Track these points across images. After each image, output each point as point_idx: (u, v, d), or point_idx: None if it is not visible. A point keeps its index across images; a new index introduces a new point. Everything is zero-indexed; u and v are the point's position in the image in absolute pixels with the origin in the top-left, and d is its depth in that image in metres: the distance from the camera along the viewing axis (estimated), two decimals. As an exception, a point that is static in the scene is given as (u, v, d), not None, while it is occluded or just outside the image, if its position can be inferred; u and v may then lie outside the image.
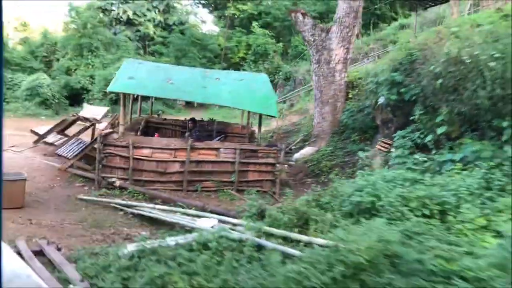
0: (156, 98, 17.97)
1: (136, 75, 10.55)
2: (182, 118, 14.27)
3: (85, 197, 9.06)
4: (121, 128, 10.21)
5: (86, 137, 12.92)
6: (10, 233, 6.72)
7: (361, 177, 7.85)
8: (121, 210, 8.49)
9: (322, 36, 13.56)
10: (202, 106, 28.24)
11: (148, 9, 42.63)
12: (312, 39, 13.70)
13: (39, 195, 9.12)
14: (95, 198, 8.97)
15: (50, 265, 5.70)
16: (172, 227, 7.38)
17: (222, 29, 44.74)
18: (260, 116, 11.21)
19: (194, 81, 10.92)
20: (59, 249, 6.25)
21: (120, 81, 10.31)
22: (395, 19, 34.30)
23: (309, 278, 4.75)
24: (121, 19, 41.71)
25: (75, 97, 29.89)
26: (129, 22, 41.95)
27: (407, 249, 5.10)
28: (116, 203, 8.65)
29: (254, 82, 11.66)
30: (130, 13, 41.55)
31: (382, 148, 11.07)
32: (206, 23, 50.35)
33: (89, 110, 19.02)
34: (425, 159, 9.13)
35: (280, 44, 37.11)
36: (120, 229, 7.49)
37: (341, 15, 13.32)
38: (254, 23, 38.20)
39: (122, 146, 9.79)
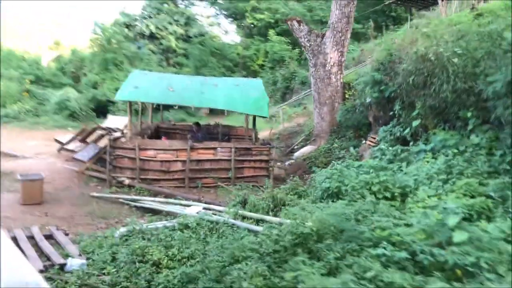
0: (179, 107, 19.46)
1: (140, 84, 11.73)
2: (190, 123, 15.35)
3: (96, 194, 10.22)
4: (128, 133, 11.38)
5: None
6: (28, 223, 7.89)
7: (331, 166, 8.68)
8: (127, 204, 9.60)
9: (318, 41, 14.43)
10: (222, 113, 29.54)
11: (169, 23, 44.23)
12: (308, 44, 14.58)
13: (57, 194, 10.33)
14: (104, 195, 10.12)
15: (57, 245, 6.80)
16: (167, 215, 8.42)
17: (242, 38, 46.00)
18: (254, 117, 12.19)
19: (192, 88, 12.00)
20: (66, 234, 7.37)
21: (126, 91, 11.51)
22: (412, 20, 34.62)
23: (261, 246, 5.68)
24: (145, 34, 43.45)
25: (102, 109, 31.46)
26: (152, 36, 43.64)
27: (349, 222, 5.96)
28: (122, 198, 9.76)
29: (249, 86, 12.66)
30: (152, 27, 43.25)
31: (371, 143, 11.84)
32: (228, 33, 51.74)
33: (112, 121, 20.40)
34: (402, 150, 9.89)
35: (296, 50, 37.99)
36: (122, 219, 8.57)
37: (334, 21, 14.15)
38: (271, 31, 39.24)
39: (129, 149, 10.95)
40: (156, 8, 45.00)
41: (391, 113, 10.63)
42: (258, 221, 7.26)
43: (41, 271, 5.73)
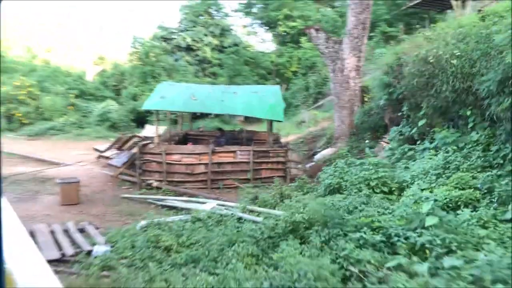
0: (215, 115, 20.74)
1: (166, 94, 12.76)
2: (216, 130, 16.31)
3: (126, 195, 11.26)
4: (156, 139, 12.41)
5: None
6: (65, 219, 8.95)
7: (334, 165, 9.31)
8: (153, 203, 10.56)
9: (335, 47, 15.05)
10: (259, 120, 30.69)
11: (205, 34, 45.69)
12: (327, 51, 15.23)
13: (92, 196, 11.44)
14: (133, 196, 11.14)
15: (87, 236, 7.80)
16: (187, 211, 9.30)
17: (277, 46, 46.88)
18: (271, 122, 12.96)
19: (213, 96, 12.91)
20: (96, 228, 8.37)
21: (153, 101, 12.58)
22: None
23: (257, 232, 6.44)
24: (182, 46, 45.13)
25: (141, 119, 33.05)
26: (188, 48, 45.23)
27: (337, 212, 6.63)
28: (149, 198, 10.74)
29: (266, 93, 13.45)
30: (189, 39, 44.82)
31: (385, 143, 12.33)
32: (265, 41, 52.74)
33: (149, 130, 21.76)
34: (409, 149, 10.38)
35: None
36: (147, 216, 9.50)
37: (350, 28, 14.74)
38: (303, 38, 39.91)
39: (157, 154, 11.96)
40: (192, 21, 46.54)
41: (399, 114, 11.13)
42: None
43: (71, 256, 6.74)
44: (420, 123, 10.28)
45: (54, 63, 42.48)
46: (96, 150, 16.74)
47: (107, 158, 15.26)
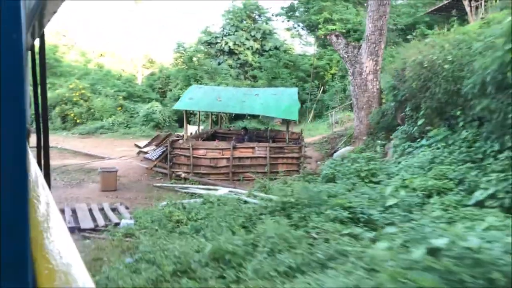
0: (252, 117, 22.39)
1: (195, 96, 14.28)
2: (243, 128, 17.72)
3: (158, 184, 12.84)
4: (185, 136, 13.95)
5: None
6: (102, 201, 10.59)
7: (332, 159, 10.44)
8: (179, 191, 12.06)
9: (354, 52, 16.07)
10: (294, 122, 32.21)
11: (247, 39, 47.30)
12: (346, 56, 16.28)
13: (129, 184, 13.10)
14: (163, 184, 12.70)
15: (118, 214, 9.36)
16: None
17: (318, 49, 47.79)
18: (288, 121, 14.21)
19: (236, 98, 14.30)
20: (127, 208, 9.94)
21: (183, 102, 14.14)
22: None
23: (251, 210, 7.73)
24: (224, 50, 46.98)
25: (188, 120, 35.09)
26: (230, 52, 47.02)
27: (318, 194, 7.81)
28: (176, 187, 12.26)
29: (284, 95, 14.68)
30: (231, 44, 46.58)
31: (399, 142, 13.26)
32: (310, 44, 53.71)
33: (189, 129, 23.55)
34: (409, 146, 11.32)
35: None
36: (167, 198, 11.01)
37: (368, 33, 15.72)
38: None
39: (185, 148, 13.48)
40: (235, 26, 48.20)
41: (402, 114, 12.07)
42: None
43: (102, 226, 8.30)
44: (419, 122, 11.20)
45: (106, 67, 45.47)
46: (137, 146, 18.56)
47: (145, 153, 16.99)
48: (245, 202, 8.97)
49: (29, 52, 3.00)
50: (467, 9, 14.84)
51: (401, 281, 3.80)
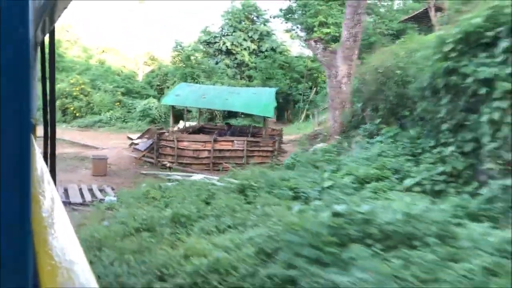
0: (245, 115, 23.88)
1: (181, 93, 15.68)
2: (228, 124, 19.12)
3: (144, 172, 14.23)
4: (170, 129, 15.36)
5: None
6: (92, 184, 11.98)
7: (294, 153, 11.82)
8: (162, 178, 13.45)
9: (331, 56, 17.43)
10: (287, 121, 33.84)
11: (244, 39, 48.60)
12: (324, 60, 17.65)
13: (118, 171, 14.49)
14: (150, 172, 14.09)
15: (104, 193, 10.76)
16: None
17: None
18: (265, 118, 15.61)
19: (220, 96, 15.70)
20: (113, 189, 11.34)
21: (170, 98, 15.56)
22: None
23: (214, 190, 9.11)
24: (222, 50, 48.32)
25: (180, 116, 36.44)
26: (228, 52, 48.36)
27: (272, 178, 9.19)
28: (160, 174, 13.65)
29: (262, 94, 16.09)
30: (228, 44, 47.89)
31: (360, 139, 14.63)
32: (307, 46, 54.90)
33: (182, 125, 24.98)
34: (368, 142, 12.69)
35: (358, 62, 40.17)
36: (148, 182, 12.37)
37: (343, 40, 17.10)
38: (334, 44, 41.82)
39: (170, 140, 14.88)
40: (233, 26, 49.47)
41: (364, 114, 13.46)
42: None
43: (89, 201, 9.70)
44: (377, 121, 12.58)
45: (108, 64, 46.80)
46: (129, 138, 19.95)
47: (136, 145, 18.38)
48: (213, 184, 10.35)
49: (39, 48, 3.13)
50: (433, 19, 16.17)
51: (296, 229, 5.18)
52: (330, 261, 4.66)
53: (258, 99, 15.40)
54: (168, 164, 14.77)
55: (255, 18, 50.96)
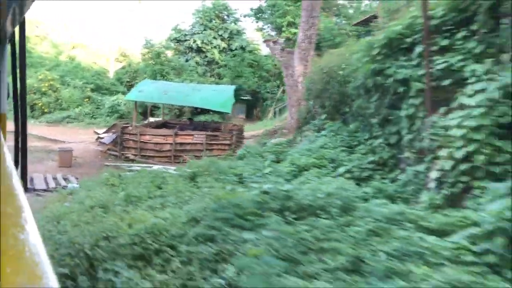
0: (214, 112, 24.99)
1: (144, 89, 16.57)
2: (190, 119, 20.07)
3: (108, 163, 15.06)
4: (133, 124, 16.23)
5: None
6: (57, 174, 12.77)
7: (246, 146, 12.90)
8: (125, 169, 14.31)
9: (288, 57, 18.57)
10: (256, 118, 34.94)
11: (214, 38, 49.43)
12: (281, 60, 18.78)
13: (84, 163, 15.29)
14: (113, 163, 14.93)
15: (68, 181, 11.58)
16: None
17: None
18: (224, 114, 16.66)
19: (181, 92, 16.66)
20: (76, 178, 12.17)
21: (133, 94, 16.42)
22: None
23: (169, 178, 10.08)
24: (192, 48, 49.03)
25: (150, 112, 37.02)
26: (198, 50, 49.11)
27: (220, 166, 10.21)
28: (122, 165, 14.52)
29: (222, 91, 17.13)
30: (199, 42, 48.63)
31: (310, 133, 15.81)
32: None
33: (150, 121, 25.75)
34: (316, 136, 13.85)
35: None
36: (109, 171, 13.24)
37: (299, 41, 18.27)
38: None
39: (133, 134, 15.75)
40: (204, 25, 50.16)
41: (314, 110, 14.63)
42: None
43: (53, 188, 10.53)
44: (322, 117, 13.76)
45: (78, 60, 46.85)
46: (96, 132, 20.68)
47: (102, 138, 19.14)
48: (168, 173, 11.32)
49: (9, 44, 3.15)
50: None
51: (223, 202, 6.22)
52: (248, 226, 5.72)
53: (217, 96, 16.40)
54: (131, 157, 15.63)
55: (225, 16, 51.80)
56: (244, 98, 35.14)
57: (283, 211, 6.37)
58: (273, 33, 58.95)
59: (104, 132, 20.03)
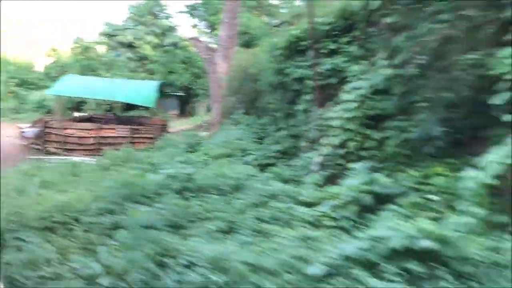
0: (143, 108, 25.38)
1: (67, 84, 16.88)
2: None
3: (31, 157, 15.28)
4: (56, 117, 16.52)
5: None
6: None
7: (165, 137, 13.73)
8: (46, 162, 14.63)
9: (212, 55, 19.51)
10: (190, 114, 35.50)
11: (146, 33, 49.30)
12: (206, 57, 19.69)
13: (4, 157, 15.36)
14: (35, 157, 15.17)
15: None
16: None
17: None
18: (147, 108, 17.35)
19: (106, 87, 17.14)
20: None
21: (55, 88, 16.70)
22: None
23: (86, 168, 10.68)
24: (124, 43, 48.63)
25: (75, 109, 36.43)
26: (130, 45, 48.79)
27: (139, 156, 10.96)
28: (44, 159, 14.83)
29: (145, 87, 17.81)
30: (130, 37, 48.31)
31: (229, 127, 16.82)
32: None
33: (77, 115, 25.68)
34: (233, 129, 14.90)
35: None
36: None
37: (221, 40, 19.27)
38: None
39: (56, 128, 16.04)
40: (136, 20, 49.87)
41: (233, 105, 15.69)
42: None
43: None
44: (240, 111, 14.83)
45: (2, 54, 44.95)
46: (19, 127, 20.52)
47: (24, 133, 19.11)
48: (86, 164, 11.92)
49: None
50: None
51: (128, 183, 7.06)
52: (147, 202, 6.61)
53: (139, 91, 17.02)
54: (54, 150, 15.90)
55: (158, 12, 51.72)
56: (177, 94, 35.66)
57: (182, 191, 7.32)
58: (207, 31, 59.60)
59: (28, 127, 19.94)
